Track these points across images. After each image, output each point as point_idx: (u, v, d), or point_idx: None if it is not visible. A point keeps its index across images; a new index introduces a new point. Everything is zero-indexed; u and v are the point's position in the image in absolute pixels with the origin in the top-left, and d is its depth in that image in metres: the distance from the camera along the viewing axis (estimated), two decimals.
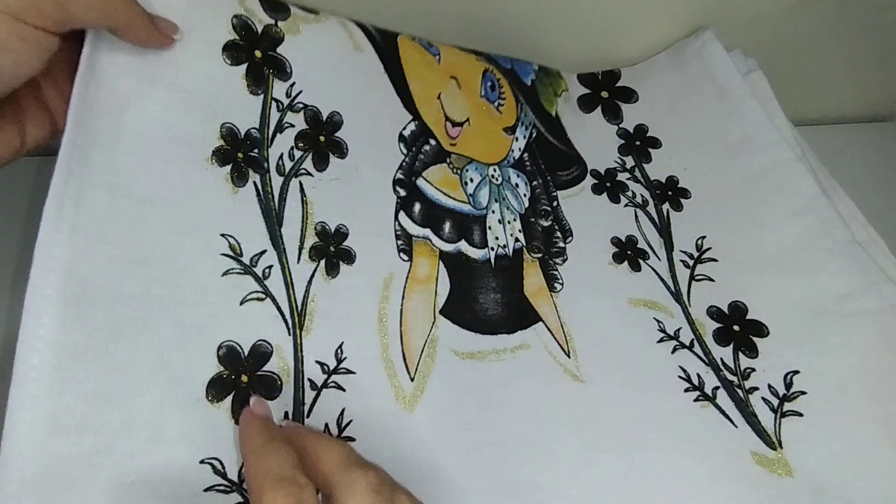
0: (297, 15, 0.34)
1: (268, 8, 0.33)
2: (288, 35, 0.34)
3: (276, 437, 0.25)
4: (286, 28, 0.34)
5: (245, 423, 0.26)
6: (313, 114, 0.34)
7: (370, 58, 0.37)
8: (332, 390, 0.31)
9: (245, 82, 0.32)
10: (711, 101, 0.47)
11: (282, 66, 0.33)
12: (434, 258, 0.36)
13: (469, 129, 0.40)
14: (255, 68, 0.32)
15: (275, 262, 0.31)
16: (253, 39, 0.32)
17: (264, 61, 0.33)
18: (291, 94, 0.33)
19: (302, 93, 0.34)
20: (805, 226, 0.41)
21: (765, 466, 0.34)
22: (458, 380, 0.34)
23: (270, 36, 0.33)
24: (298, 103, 0.33)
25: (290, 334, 0.30)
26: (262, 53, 0.33)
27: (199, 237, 0.29)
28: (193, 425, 0.27)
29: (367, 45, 0.37)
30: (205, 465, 0.26)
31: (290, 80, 0.34)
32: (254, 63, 0.32)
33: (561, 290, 0.40)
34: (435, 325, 0.34)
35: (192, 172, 0.30)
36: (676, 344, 0.38)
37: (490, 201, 0.40)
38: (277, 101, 0.33)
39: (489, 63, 0.43)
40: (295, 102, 0.33)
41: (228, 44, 0.32)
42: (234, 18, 0.32)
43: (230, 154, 0.31)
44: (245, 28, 0.32)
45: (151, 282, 0.28)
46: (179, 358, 0.27)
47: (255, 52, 0.32)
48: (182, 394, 0.27)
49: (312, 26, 0.35)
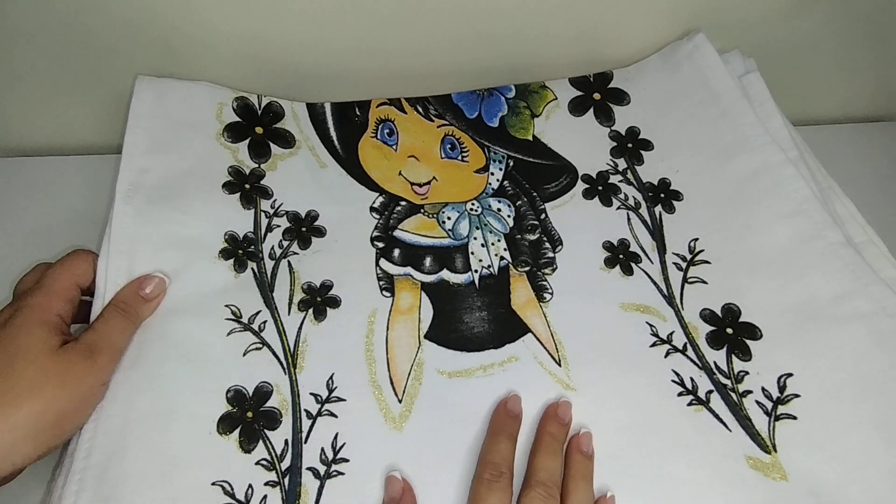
0: (275, 154, 0.45)
1: (253, 155, 0.45)
2: (269, 172, 0.44)
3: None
4: (267, 167, 0.44)
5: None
6: (294, 215, 0.43)
7: (333, 169, 0.45)
8: (325, 417, 0.35)
9: (240, 204, 0.42)
10: (703, 103, 0.47)
11: (265, 192, 0.43)
12: (416, 290, 0.40)
13: (437, 183, 0.45)
14: (245, 195, 0.43)
15: (268, 317, 0.38)
16: (243, 178, 0.43)
17: (252, 190, 0.43)
18: (275, 207, 0.43)
19: (283, 204, 0.43)
20: (797, 228, 0.41)
21: (759, 470, 0.34)
22: (445, 398, 0.36)
23: (255, 174, 0.44)
24: (282, 211, 0.43)
25: (286, 373, 0.36)
26: (251, 186, 0.43)
27: (208, 310, 0.38)
28: (206, 453, 0.33)
29: (330, 160, 0.46)
30: (216, 487, 0.32)
31: (273, 198, 0.43)
32: (244, 192, 0.43)
33: (551, 299, 0.40)
34: (421, 349, 0.38)
35: (203, 264, 0.39)
36: (669, 348, 0.38)
37: (471, 230, 0.43)
38: (265, 212, 0.43)
39: (448, 125, 0.48)
40: (279, 211, 0.43)
41: (226, 182, 0.43)
42: (229, 168, 0.43)
43: (232, 251, 0.40)
44: (237, 173, 0.43)
45: (170, 346, 0.36)
46: (195, 399, 0.34)
47: (245, 186, 0.43)
48: (196, 427, 0.33)
49: (287, 160, 0.45)
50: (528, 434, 0.35)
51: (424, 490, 0.33)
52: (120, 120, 0.48)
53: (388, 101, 0.48)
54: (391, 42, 0.47)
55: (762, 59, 0.48)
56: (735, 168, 0.44)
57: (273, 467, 0.33)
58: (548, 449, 0.33)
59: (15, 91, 0.46)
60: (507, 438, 0.33)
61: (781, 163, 0.43)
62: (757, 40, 0.50)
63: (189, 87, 0.45)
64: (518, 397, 0.35)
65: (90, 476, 0.31)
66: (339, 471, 0.33)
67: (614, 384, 0.37)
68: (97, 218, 0.43)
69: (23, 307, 0.32)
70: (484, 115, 0.48)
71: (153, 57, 0.45)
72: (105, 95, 0.47)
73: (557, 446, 0.33)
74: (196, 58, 0.45)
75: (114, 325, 0.35)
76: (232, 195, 0.42)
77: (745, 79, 0.47)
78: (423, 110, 0.48)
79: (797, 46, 0.51)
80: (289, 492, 0.33)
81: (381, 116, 0.48)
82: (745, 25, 0.49)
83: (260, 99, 0.47)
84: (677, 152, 0.47)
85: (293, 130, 0.46)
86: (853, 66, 0.53)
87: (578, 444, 0.34)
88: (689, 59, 0.48)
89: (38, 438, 0.30)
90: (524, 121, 0.48)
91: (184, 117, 0.44)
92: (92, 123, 0.49)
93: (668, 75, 0.49)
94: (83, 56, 0.44)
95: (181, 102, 0.44)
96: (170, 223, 0.39)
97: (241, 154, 0.44)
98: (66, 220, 0.44)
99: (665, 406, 0.36)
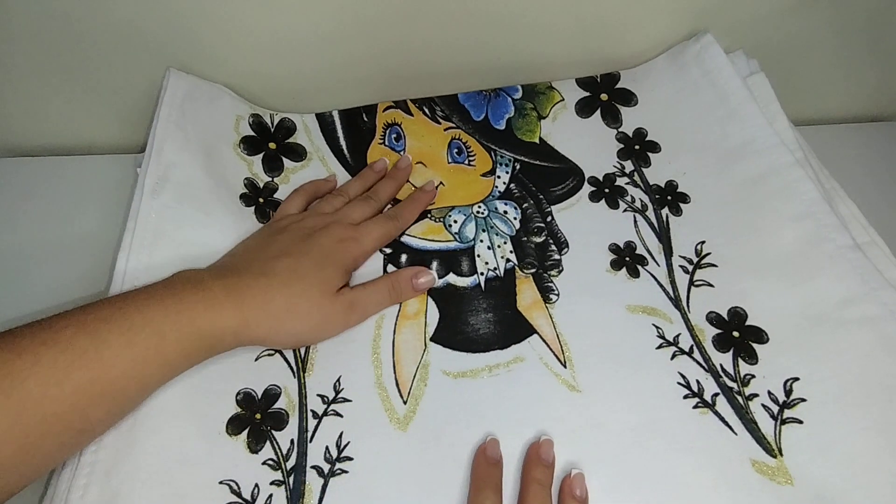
0: (287, 168, 0.46)
1: (267, 169, 0.46)
2: (282, 185, 0.45)
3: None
4: (280, 181, 0.46)
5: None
6: None
7: (344, 179, 0.46)
8: (331, 417, 0.36)
9: (255, 217, 0.43)
10: (711, 104, 0.47)
11: (278, 206, 0.44)
12: (423, 295, 0.40)
13: (444, 188, 0.46)
14: (259, 209, 0.44)
15: None
16: (258, 192, 0.45)
17: (266, 204, 0.44)
18: None
19: None
20: (805, 231, 0.41)
21: (764, 474, 0.34)
22: (450, 399, 0.36)
23: (269, 188, 0.45)
24: None
25: (296, 377, 0.37)
26: (264, 200, 0.44)
27: None
28: (215, 452, 0.33)
29: (340, 170, 0.47)
30: (223, 486, 0.32)
31: None
32: (258, 206, 0.44)
33: (557, 300, 0.40)
34: (426, 351, 0.38)
35: None
36: (675, 350, 0.38)
37: (477, 233, 0.43)
38: None
39: (455, 128, 0.48)
40: None
41: (242, 195, 0.44)
42: (245, 180, 0.44)
43: None
44: (252, 186, 0.45)
45: None
46: (206, 401, 0.35)
47: (259, 200, 0.44)
48: (206, 427, 0.34)
49: (299, 173, 0.46)
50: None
51: (428, 489, 0.33)
52: (120, 120, 0.48)
53: (394, 104, 0.49)
54: (395, 42, 0.47)
55: (762, 59, 0.48)
56: (742, 170, 0.44)
57: (279, 467, 0.33)
58: (536, 498, 0.32)
59: (15, 91, 0.46)
60: (493, 492, 0.32)
61: (789, 165, 0.43)
62: (757, 40, 0.50)
63: (214, 89, 0.45)
64: (496, 441, 0.34)
65: (99, 470, 0.31)
66: (342, 469, 0.33)
67: (620, 386, 0.36)
68: (98, 218, 0.44)
69: (340, 246, 0.38)
70: (491, 118, 0.49)
71: (154, 57, 0.45)
72: (105, 96, 0.47)
73: (546, 494, 0.32)
74: (197, 60, 0.45)
75: (378, 296, 0.39)
76: (248, 208, 0.43)
77: (751, 80, 0.47)
78: (429, 112, 0.48)
79: (797, 47, 0.51)
80: (293, 490, 0.33)
81: (387, 121, 0.48)
82: (746, 26, 0.49)
83: (272, 117, 0.48)
84: (684, 154, 0.46)
85: (305, 143, 0.47)
86: (853, 66, 0.53)
87: (572, 489, 0.33)
88: (697, 60, 0.48)
89: (269, 338, 0.35)
90: (531, 123, 0.48)
91: (209, 119, 0.44)
92: (93, 124, 0.49)
93: (675, 76, 0.49)
94: (83, 57, 0.44)
95: (208, 103, 0.45)
96: (192, 223, 0.40)
97: (255, 167, 0.45)
98: (66, 220, 0.44)
99: (671, 408, 0.36)
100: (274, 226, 0.41)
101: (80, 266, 0.41)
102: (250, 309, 0.33)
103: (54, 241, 0.43)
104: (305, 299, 0.35)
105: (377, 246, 0.41)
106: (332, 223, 0.40)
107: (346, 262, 0.38)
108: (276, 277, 0.35)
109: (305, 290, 0.35)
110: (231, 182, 0.44)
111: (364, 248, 0.40)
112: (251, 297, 0.34)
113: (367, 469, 0.34)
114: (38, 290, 0.41)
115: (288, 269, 0.35)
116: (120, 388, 0.30)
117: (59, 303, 0.40)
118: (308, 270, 0.36)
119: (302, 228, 0.39)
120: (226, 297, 0.33)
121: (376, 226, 0.41)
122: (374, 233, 0.40)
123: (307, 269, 0.36)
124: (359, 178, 0.45)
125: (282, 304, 0.34)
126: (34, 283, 0.41)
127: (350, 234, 0.39)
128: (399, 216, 0.42)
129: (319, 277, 0.36)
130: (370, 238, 0.40)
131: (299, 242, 0.38)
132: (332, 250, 0.38)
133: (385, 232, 0.41)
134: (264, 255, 0.37)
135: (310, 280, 0.36)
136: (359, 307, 0.38)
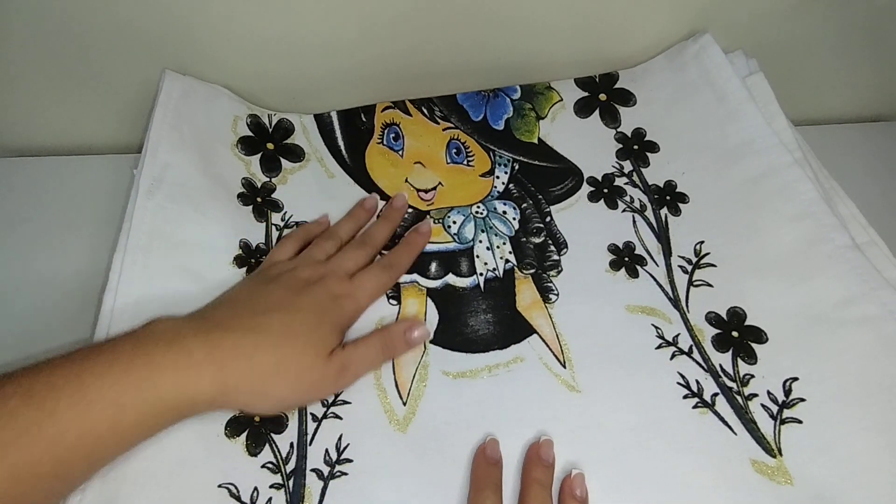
0: (285, 169, 0.46)
1: (265, 170, 0.46)
2: (280, 186, 0.45)
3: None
4: (278, 181, 0.46)
5: None
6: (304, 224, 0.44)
7: (341, 179, 0.46)
8: (331, 420, 0.35)
9: (253, 216, 0.43)
10: (710, 104, 0.47)
11: (276, 205, 0.44)
12: (422, 296, 0.41)
13: (443, 189, 0.46)
14: (257, 208, 0.44)
15: None
16: (255, 192, 0.44)
17: (264, 204, 0.44)
18: (286, 219, 0.44)
19: (293, 216, 0.44)
20: (804, 231, 0.41)
21: (764, 474, 0.34)
22: (449, 399, 0.36)
23: (267, 188, 0.45)
24: (291, 223, 0.44)
25: None
26: (262, 199, 0.44)
27: None
28: (214, 455, 0.33)
29: (338, 170, 0.47)
30: (222, 489, 0.32)
31: (283, 210, 0.44)
32: (256, 205, 0.44)
33: (556, 300, 0.40)
34: (426, 353, 0.38)
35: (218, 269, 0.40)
36: (675, 350, 0.38)
37: (476, 233, 0.43)
38: (276, 225, 0.44)
39: (454, 129, 0.48)
40: (289, 223, 0.44)
41: (240, 194, 0.44)
42: (242, 179, 0.44)
43: (246, 259, 0.41)
44: (249, 185, 0.44)
45: None
46: None
47: (257, 199, 0.44)
48: (205, 429, 0.34)
49: (297, 174, 0.46)
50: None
51: (428, 490, 0.33)
52: (119, 120, 0.48)
53: (392, 105, 0.49)
54: (394, 42, 0.47)
55: (762, 59, 0.48)
56: (741, 170, 0.44)
57: (278, 470, 0.33)
58: (536, 498, 0.32)
59: (14, 91, 0.46)
60: (493, 491, 0.32)
61: (788, 165, 0.43)
62: (756, 40, 0.50)
63: (211, 90, 0.46)
64: (495, 441, 0.34)
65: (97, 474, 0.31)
66: (342, 471, 0.33)
67: (619, 386, 0.36)
68: (98, 217, 0.44)
69: (335, 303, 0.36)
70: (489, 118, 0.49)
71: (152, 58, 0.45)
72: (105, 96, 0.47)
73: (546, 494, 0.32)
74: (196, 60, 0.45)
75: (370, 355, 0.36)
76: (246, 206, 0.43)
77: (750, 79, 0.47)
78: (428, 112, 0.48)
79: (797, 47, 0.51)
80: (293, 493, 0.33)
81: (386, 121, 0.48)
82: (745, 25, 0.49)
83: (270, 117, 0.48)
84: (683, 154, 0.46)
85: (303, 144, 0.47)
86: (853, 66, 0.53)
87: (572, 489, 0.32)
88: (696, 59, 0.48)
89: (249, 404, 0.33)
90: (529, 123, 0.48)
91: (206, 120, 0.45)
92: (92, 124, 0.49)
93: (674, 76, 0.49)
94: (82, 57, 0.44)
95: (204, 104, 0.45)
96: (188, 223, 0.40)
97: (253, 167, 0.45)
98: (66, 220, 0.44)
99: (670, 408, 0.36)
100: (263, 274, 0.38)
101: (78, 265, 0.41)
102: (233, 372, 0.30)
103: (52, 241, 0.43)
104: (296, 362, 0.33)
105: (372, 300, 0.39)
106: (327, 275, 0.37)
107: (341, 320, 0.36)
108: (266, 335, 0.32)
109: (298, 350, 0.33)
110: (228, 182, 0.43)
111: (359, 305, 0.38)
112: (235, 359, 0.31)
113: (366, 471, 0.34)
114: (35, 289, 0.41)
115: (280, 326, 0.33)
116: (64, 468, 0.27)
117: (58, 302, 0.40)
118: (301, 329, 0.33)
119: (294, 279, 0.36)
120: (205, 357, 0.30)
121: (372, 278, 0.39)
122: (369, 286, 0.38)
123: (301, 328, 0.33)
124: (350, 219, 0.43)
125: (270, 365, 0.32)
126: (32, 282, 0.41)
127: (345, 290, 0.37)
128: (394, 264, 0.40)
129: (314, 338, 0.34)
130: (365, 293, 0.38)
131: (292, 296, 0.35)
132: (327, 307, 0.35)
133: (380, 284, 0.39)
134: (254, 309, 0.34)
135: (303, 340, 0.33)
136: (351, 369, 0.35)
